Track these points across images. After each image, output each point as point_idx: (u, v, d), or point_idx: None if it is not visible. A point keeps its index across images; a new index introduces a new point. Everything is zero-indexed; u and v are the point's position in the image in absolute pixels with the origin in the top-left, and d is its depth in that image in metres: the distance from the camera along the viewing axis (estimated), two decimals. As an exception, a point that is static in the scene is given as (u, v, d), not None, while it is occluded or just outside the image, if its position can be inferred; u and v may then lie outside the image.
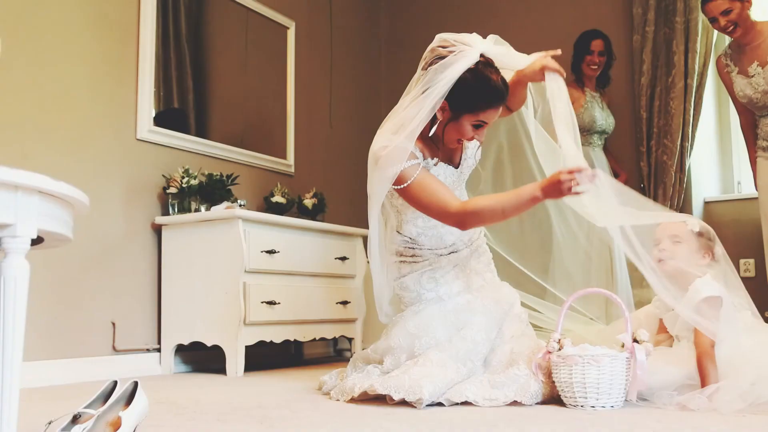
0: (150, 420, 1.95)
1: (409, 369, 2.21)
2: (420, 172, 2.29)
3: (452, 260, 2.53)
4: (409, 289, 2.52)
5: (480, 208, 2.25)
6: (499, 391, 2.14)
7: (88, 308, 3.16)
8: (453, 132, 2.33)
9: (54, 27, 3.12)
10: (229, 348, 3.23)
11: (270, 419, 1.96)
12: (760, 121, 3.20)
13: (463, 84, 2.23)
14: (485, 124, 2.32)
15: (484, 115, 2.29)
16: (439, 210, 2.29)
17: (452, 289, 2.50)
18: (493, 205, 2.25)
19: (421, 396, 2.07)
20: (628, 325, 2.07)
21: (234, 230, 3.27)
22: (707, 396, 1.99)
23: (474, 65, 2.24)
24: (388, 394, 2.13)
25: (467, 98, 2.25)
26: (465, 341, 2.31)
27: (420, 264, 2.51)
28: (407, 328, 2.40)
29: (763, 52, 3.12)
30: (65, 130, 3.14)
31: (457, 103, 2.26)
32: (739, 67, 3.22)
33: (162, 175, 3.48)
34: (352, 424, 1.86)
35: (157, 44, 3.64)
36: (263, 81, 4.29)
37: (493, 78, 2.26)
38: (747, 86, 3.16)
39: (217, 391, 2.64)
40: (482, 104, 2.26)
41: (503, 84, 2.29)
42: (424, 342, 2.35)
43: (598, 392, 2.02)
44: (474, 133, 2.32)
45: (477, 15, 4.89)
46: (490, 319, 2.38)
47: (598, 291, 2.21)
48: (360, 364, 2.55)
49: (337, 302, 3.77)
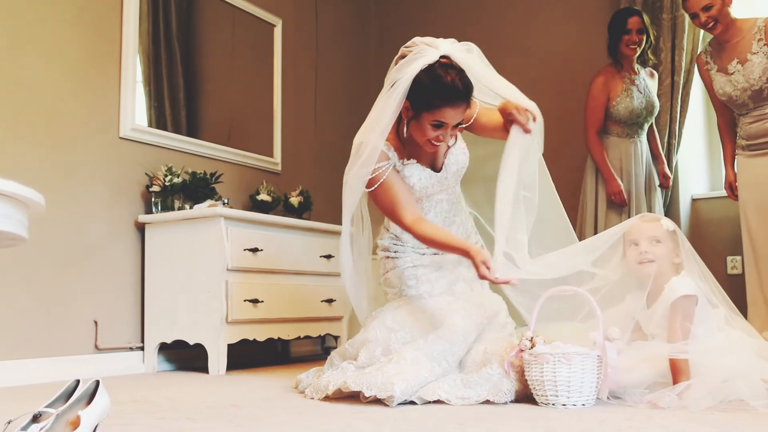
0: (120, 419, 1.96)
1: (383, 366, 2.21)
2: (388, 175, 2.37)
3: (436, 261, 2.55)
4: (392, 285, 2.56)
5: (422, 234, 2.37)
6: (472, 391, 2.15)
7: (70, 307, 3.16)
8: (416, 132, 2.36)
9: (34, 23, 3.11)
10: (211, 346, 3.23)
11: (240, 418, 1.96)
12: (740, 120, 3.19)
13: (417, 82, 2.27)
14: (445, 125, 2.31)
15: (440, 114, 2.28)
16: (393, 217, 2.43)
17: (434, 289, 2.52)
18: (434, 239, 2.37)
19: (392, 393, 2.07)
20: (599, 323, 2.07)
21: (216, 228, 3.27)
22: (677, 394, 1.99)
23: (430, 64, 2.27)
24: (360, 390, 2.13)
25: (422, 97, 2.28)
26: (441, 340, 2.30)
27: (402, 260, 2.55)
28: (385, 321, 2.43)
29: (742, 49, 3.09)
30: (46, 128, 3.13)
31: (415, 102, 2.30)
32: (719, 65, 3.19)
33: (145, 174, 3.48)
34: (320, 423, 1.86)
35: (147, 42, 3.67)
36: (250, 79, 4.29)
37: (447, 77, 2.25)
38: (726, 84, 3.14)
39: (195, 390, 2.64)
40: (436, 102, 2.26)
41: (462, 85, 2.26)
42: (400, 336, 2.37)
43: (569, 390, 2.02)
44: (435, 132, 2.31)
45: (467, 13, 4.87)
46: (470, 322, 2.37)
47: (571, 289, 2.20)
48: (337, 360, 2.55)
49: (322, 300, 3.77)
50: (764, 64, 3.03)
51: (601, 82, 3.72)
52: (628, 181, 3.74)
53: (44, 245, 3.08)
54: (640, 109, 3.71)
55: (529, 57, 4.55)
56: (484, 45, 2.50)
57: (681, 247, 2.28)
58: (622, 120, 3.71)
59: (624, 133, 3.76)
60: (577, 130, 4.06)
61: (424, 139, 2.35)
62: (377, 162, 2.35)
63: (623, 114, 3.69)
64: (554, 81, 4.46)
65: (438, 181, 2.50)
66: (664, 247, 2.27)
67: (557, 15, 4.55)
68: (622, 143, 3.75)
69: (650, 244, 2.27)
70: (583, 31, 4.45)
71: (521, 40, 4.62)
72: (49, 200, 3.06)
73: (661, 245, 2.27)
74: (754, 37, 3.06)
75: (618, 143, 3.76)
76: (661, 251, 2.26)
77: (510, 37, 4.64)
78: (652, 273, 2.25)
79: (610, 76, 3.74)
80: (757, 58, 3.04)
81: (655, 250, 2.26)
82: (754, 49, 3.05)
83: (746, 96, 3.10)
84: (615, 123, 3.74)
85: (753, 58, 3.05)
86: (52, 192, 3.13)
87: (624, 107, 3.68)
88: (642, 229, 2.31)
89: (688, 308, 2.16)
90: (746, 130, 3.15)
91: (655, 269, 2.24)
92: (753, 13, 3.35)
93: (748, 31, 3.09)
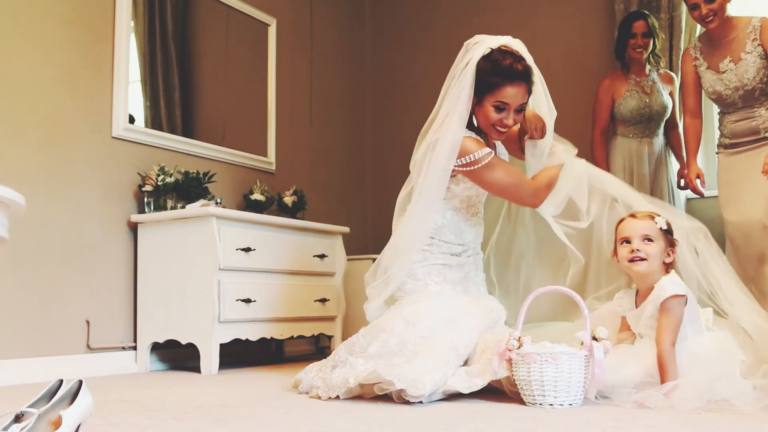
0: (107, 418, 1.96)
1: (411, 360, 2.21)
2: (493, 157, 2.48)
3: (460, 260, 2.61)
4: (417, 278, 2.55)
5: (546, 178, 2.57)
6: (477, 378, 2.17)
7: (62, 306, 3.16)
8: (481, 117, 2.51)
9: (26, 22, 3.11)
10: (203, 346, 3.23)
11: (226, 418, 1.96)
12: (725, 117, 3.16)
13: (478, 68, 2.46)
14: (507, 106, 2.44)
15: (501, 94, 2.43)
16: (518, 189, 2.54)
17: (455, 288, 2.56)
18: (549, 175, 2.58)
19: (423, 392, 2.08)
20: (587, 322, 2.06)
21: (208, 228, 3.27)
22: (664, 393, 1.99)
23: (490, 50, 2.45)
24: (390, 380, 2.11)
25: (482, 80, 2.45)
26: (463, 338, 2.32)
27: (434, 256, 2.58)
28: (404, 315, 2.41)
29: (736, 47, 3.05)
30: (39, 128, 3.13)
31: (478, 88, 2.46)
32: (709, 63, 3.15)
33: (138, 173, 3.48)
34: (305, 422, 1.86)
35: (143, 43, 3.68)
36: (245, 79, 4.29)
37: (506, 60, 2.44)
38: (717, 82, 3.11)
39: (185, 390, 2.64)
40: (495, 80, 2.42)
41: (521, 66, 2.44)
42: (418, 331, 2.35)
43: (556, 390, 2.01)
44: (498, 115, 2.45)
45: (465, 11, 4.87)
46: (482, 323, 2.41)
47: (557, 289, 2.20)
48: (342, 354, 2.49)
49: (316, 300, 3.77)
50: (758, 64, 3.00)
51: (607, 84, 3.85)
52: (636, 182, 3.77)
53: (36, 244, 3.08)
54: (641, 108, 3.75)
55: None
56: None
57: (673, 246, 2.26)
58: (626, 119, 3.78)
59: (631, 132, 3.81)
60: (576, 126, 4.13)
61: (488, 124, 2.49)
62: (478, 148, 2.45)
63: (626, 114, 3.77)
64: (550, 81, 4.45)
65: None
66: (656, 245, 2.25)
67: (553, 11, 4.55)
68: (630, 143, 3.80)
69: (641, 242, 2.26)
70: (580, 30, 4.45)
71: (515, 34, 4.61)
72: (41, 200, 3.09)
73: (653, 244, 2.25)
74: (748, 36, 3.02)
75: (625, 143, 3.81)
76: (653, 250, 2.24)
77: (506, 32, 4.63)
78: (642, 271, 2.24)
79: (615, 79, 3.85)
80: (751, 57, 3.01)
81: (647, 249, 2.24)
82: (748, 49, 3.01)
83: (737, 95, 3.07)
84: (621, 123, 3.83)
85: (747, 58, 3.01)
86: (45, 191, 3.13)
87: (626, 107, 3.76)
88: (635, 226, 2.28)
89: (677, 308, 2.15)
90: (731, 128, 3.12)
91: (646, 268, 2.24)
92: (749, 12, 3.33)
93: (742, 30, 3.04)
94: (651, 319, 2.20)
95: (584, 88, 4.33)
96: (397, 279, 2.53)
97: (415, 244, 2.53)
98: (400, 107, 4.98)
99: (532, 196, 2.56)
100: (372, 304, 2.58)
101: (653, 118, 3.79)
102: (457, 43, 2.60)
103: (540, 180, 2.58)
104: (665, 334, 2.12)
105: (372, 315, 2.58)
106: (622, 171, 3.78)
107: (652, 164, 3.80)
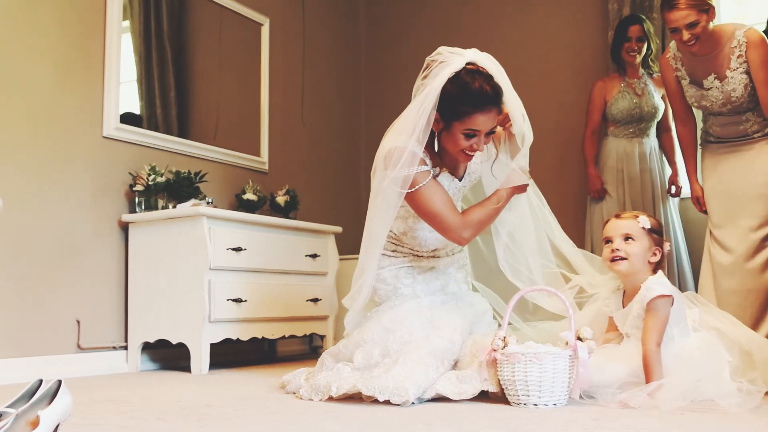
0: (89, 419, 1.96)
1: (390, 368, 2.18)
2: (429, 180, 2.34)
3: (431, 263, 2.56)
4: (386, 282, 2.51)
5: (480, 216, 2.41)
6: (468, 385, 2.15)
7: (52, 306, 3.16)
8: (449, 143, 2.35)
9: (17, 21, 3.11)
10: (194, 345, 3.23)
11: (209, 418, 1.96)
12: (709, 118, 3.06)
13: (445, 92, 2.27)
14: (478, 132, 2.29)
15: (471, 122, 2.27)
16: (440, 220, 2.36)
17: (429, 288, 2.52)
18: (486, 210, 2.42)
19: (407, 398, 2.05)
20: (571, 322, 2.06)
21: (198, 228, 3.26)
22: (648, 393, 1.98)
23: (456, 72, 2.27)
24: (372, 395, 2.09)
25: (451, 106, 2.27)
26: (442, 340, 2.28)
27: (398, 260, 2.53)
28: (382, 322, 2.38)
29: (720, 63, 2.86)
30: (29, 126, 3.13)
31: (444, 113, 2.30)
32: (692, 76, 2.97)
33: (129, 173, 3.48)
34: (288, 423, 1.85)
35: (139, 42, 3.69)
36: (238, 78, 4.29)
37: (475, 83, 2.25)
38: (702, 98, 2.96)
39: (173, 390, 2.63)
40: (466, 109, 2.26)
41: (490, 89, 2.26)
42: (398, 337, 2.33)
43: (541, 390, 2.01)
44: (469, 141, 2.30)
45: (459, 13, 4.86)
46: (465, 321, 2.39)
47: (543, 289, 2.19)
48: (329, 361, 2.50)
49: (308, 299, 3.77)
50: (745, 81, 2.84)
51: (600, 85, 3.94)
52: (626, 181, 3.84)
53: (26, 244, 3.08)
54: (632, 109, 3.82)
55: (520, 57, 4.54)
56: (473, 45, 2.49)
57: (659, 246, 2.25)
58: (617, 120, 3.86)
59: (622, 133, 3.89)
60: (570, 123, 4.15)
61: (457, 150, 2.34)
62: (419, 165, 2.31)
63: (616, 114, 3.85)
64: (543, 80, 4.46)
65: (458, 190, 2.53)
66: (637, 244, 2.24)
67: (547, 11, 4.54)
68: (620, 143, 3.88)
69: (622, 242, 2.25)
70: (574, 29, 4.45)
71: (511, 41, 4.61)
72: (31, 199, 3.09)
73: (634, 243, 2.24)
74: (732, 52, 2.83)
75: (616, 143, 3.89)
76: (634, 249, 2.23)
77: (499, 37, 4.63)
78: (623, 271, 2.23)
79: (609, 81, 3.95)
80: (737, 75, 2.84)
81: (628, 248, 2.24)
82: (733, 65, 2.83)
83: (725, 108, 2.93)
84: (612, 123, 3.91)
85: (733, 76, 2.84)
86: (35, 191, 3.13)
87: (617, 107, 3.85)
88: (616, 226, 2.28)
89: (663, 308, 2.15)
90: (716, 131, 3.02)
91: (626, 267, 2.23)
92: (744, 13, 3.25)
93: (726, 44, 2.84)
94: (637, 319, 2.20)
95: (578, 87, 4.33)
96: (366, 289, 2.47)
97: (373, 263, 2.44)
98: (394, 107, 4.91)
99: (458, 230, 2.38)
100: (348, 315, 2.54)
101: (644, 119, 3.85)
102: (452, 43, 2.52)
103: (471, 216, 2.40)
104: (651, 334, 2.11)
105: (350, 324, 2.53)
106: (613, 171, 3.87)
107: (642, 164, 3.85)
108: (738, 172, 2.95)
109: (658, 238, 2.28)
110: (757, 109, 2.89)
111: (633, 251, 2.23)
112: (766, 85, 2.80)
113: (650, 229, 2.26)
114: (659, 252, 2.27)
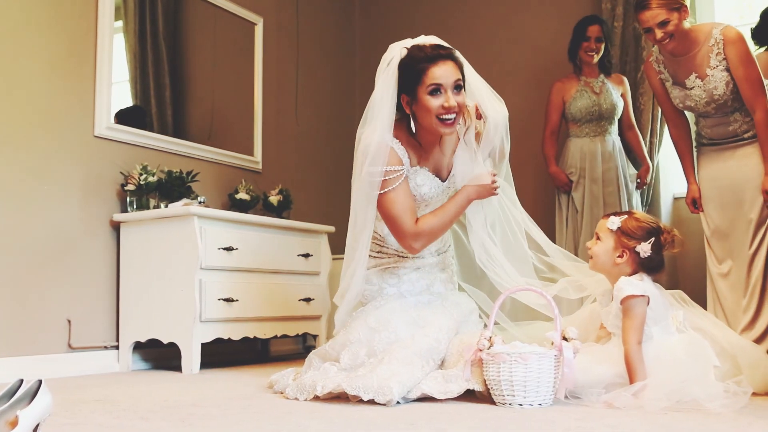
0: (73, 418, 1.96)
1: (375, 368, 2.18)
2: (400, 183, 2.35)
3: (416, 263, 2.56)
4: (371, 282, 2.54)
5: (432, 226, 2.39)
6: (454, 384, 2.15)
7: (43, 305, 3.16)
8: (423, 116, 2.35)
9: (8, 20, 3.10)
10: (185, 345, 3.23)
11: (193, 417, 1.96)
12: (701, 121, 3.04)
13: (401, 67, 2.35)
14: (442, 86, 2.29)
15: (431, 77, 2.29)
16: (396, 225, 2.38)
17: (414, 288, 2.53)
18: (441, 219, 2.41)
19: (391, 397, 2.05)
20: (557, 323, 2.06)
21: (189, 227, 3.26)
22: (633, 394, 1.98)
23: (406, 48, 2.37)
24: (356, 395, 2.10)
25: (408, 74, 2.33)
26: (428, 339, 2.29)
27: (384, 260, 2.55)
28: (367, 322, 2.40)
29: (700, 62, 2.86)
30: (20, 126, 3.13)
31: (405, 86, 2.34)
32: (674, 78, 2.97)
33: (120, 172, 3.48)
34: (273, 422, 1.85)
35: (134, 42, 3.69)
36: (232, 78, 4.29)
37: (425, 46, 2.34)
38: (686, 98, 2.95)
39: (162, 389, 2.63)
40: (420, 67, 2.30)
41: (441, 46, 2.34)
42: (383, 337, 2.33)
43: (526, 390, 2.01)
44: (438, 100, 2.29)
45: (453, 13, 4.86)
46: (451, 321, 2.39)
47: (529, 288, 2.19)
48: (316, 361, 2.51)
49: (300, 299, 3.76)
50: (726, 78, 2.83)
51: (558, 87, 3.99)
52: (588, 181, 3.88)
53: (18, 243, 3.08)
54: (591, 107, 3.88)
55: (514, 56, 4.54)
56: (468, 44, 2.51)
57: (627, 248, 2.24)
58: (576, 119, 3.91)
59: (583, 132, 3.93)
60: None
61: (432, 119, 2.32)
62: (392, 164, 2.33)
63: (576, 113, 3.89)
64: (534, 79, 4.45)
65: (442, 191, 2.52)
66: (602, 244, 2.28)
67: (540, 10, 4.54)
68: (583, 142, 3.92)
69: (594, 240, 2.31)
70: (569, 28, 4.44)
71: (505, 40, 4.61)
72: (23, 198, 3.09)
73: (599, 243, 2.29)
74: (711, 50, 2.83)
75: (579, 143, 3.93)
76: (597, 249, 2.28)
77: (493, 36, 4.63)
78: (590, 269, 2.31)
79: (566, 81, 4.00)
80: (717, 72, 2.83)
81: (594, 247, 2.29)
82: (712, 63, 2.83)
83: (710, 108, 2.92)
84: (572, 123, 3.97)
85: (713, 74, 2.84)
86: (27, 189, 3.13)
87: (575, 106, 3.88)
88: (599, 224, 2.34)
89: (637, 308, 2.15)
90: (707, 132, 3.01)
91: (591, 265, 2.30)
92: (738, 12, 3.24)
93: (704, 43, 2.84)
94: (616, 318, 2.21)
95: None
96: (353, 290, 2.48)
97: (360, 255, 2.45)
98: (389, 106, 4.96)
99: (408, 239, 2.38)
100: (338, 312, 2.55)
101: (603, 117, 3.90)
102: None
103: (423, 227, 2.39)
104: (628, 334, 2.13)
105: (339, 321, 2.54)
106: (576, 171, 3.89)
107: (606, 163, 3.88)
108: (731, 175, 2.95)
109: (624, 240, 2.25)
110: (743, 109, 2.89)
111: (596, 251, 2.29)
112: (747, 81, 2.80)
113: (620, 230, 2.25)
114: (626, 253, 2.24)
